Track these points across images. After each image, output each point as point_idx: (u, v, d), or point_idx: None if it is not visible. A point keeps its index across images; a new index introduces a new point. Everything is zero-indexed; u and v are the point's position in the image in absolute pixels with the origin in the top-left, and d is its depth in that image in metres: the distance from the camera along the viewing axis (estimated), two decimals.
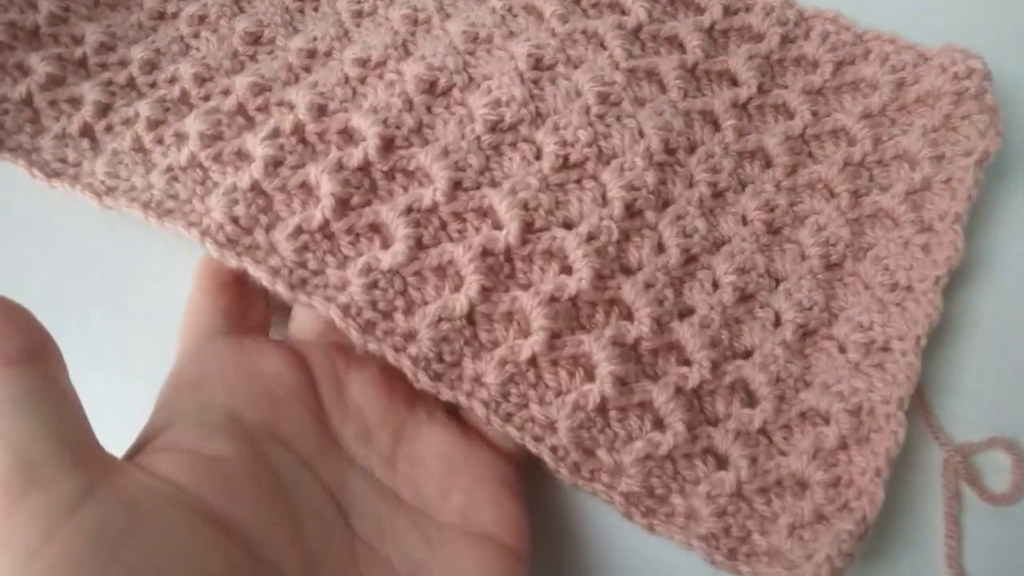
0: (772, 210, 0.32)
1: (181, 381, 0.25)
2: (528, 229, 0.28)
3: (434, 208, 0.29)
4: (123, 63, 0.34)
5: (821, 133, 0.34)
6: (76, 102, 0.32)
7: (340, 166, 0.29)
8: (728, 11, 0.36)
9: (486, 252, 0.28)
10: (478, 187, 0.29)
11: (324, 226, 0.28)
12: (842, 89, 0.35)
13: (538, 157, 0.30)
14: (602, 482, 0.26)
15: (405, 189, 0.29)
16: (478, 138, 0.30)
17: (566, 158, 0.30)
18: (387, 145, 0.30)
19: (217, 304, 0.28)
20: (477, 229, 0.29)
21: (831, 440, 0.27)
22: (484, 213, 0.29)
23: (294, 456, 0.24)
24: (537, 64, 0.32)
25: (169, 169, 0.29)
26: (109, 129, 0.32)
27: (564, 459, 0.26)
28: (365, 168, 0.29)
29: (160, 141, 0.30)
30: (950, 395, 0.31)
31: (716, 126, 0.33)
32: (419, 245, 0.28)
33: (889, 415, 0.27)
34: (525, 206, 0.29)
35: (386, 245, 0.28)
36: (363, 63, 0.32)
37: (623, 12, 0.35)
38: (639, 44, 0.34)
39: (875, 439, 0.27)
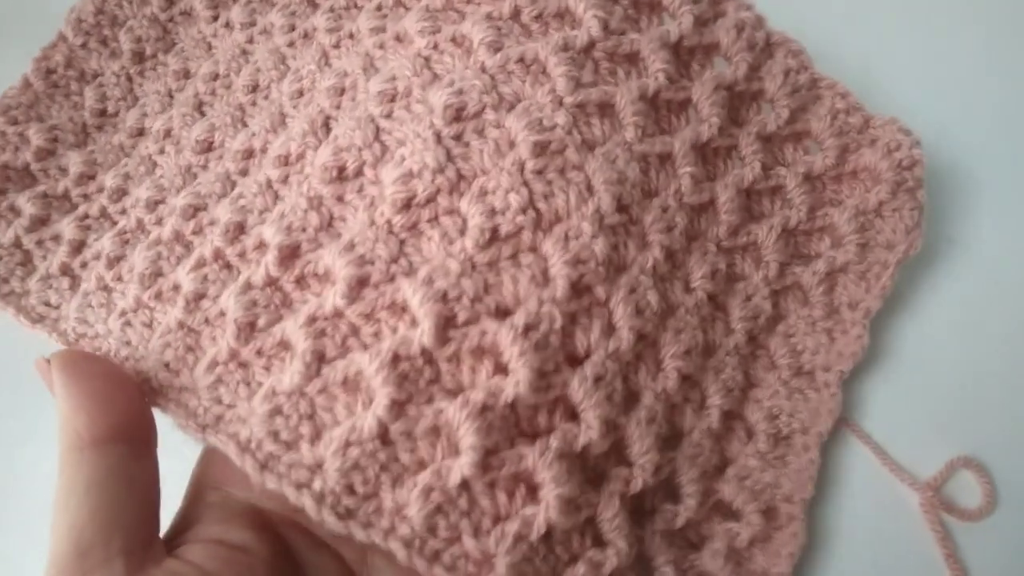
0: (714, 276, 0.30)
1: (207, 478, 0.25)
2: (449, 324, 0.24)
3: (339, 313, 0.24)
4: (100, 190, 0.33)
5: (763, 189, 0.31)
6: (58, 239, 0.31)
7: (248, 286, 0.25)
8: (699, 21, 0.29)
9: (397, 358, 0.23)
10: (391, 280, 0.24)
11: (234, 355, 0.25)
12: (788, 139, 0.32)
13: (463, 232, 0.25)
14: None
15: (316, 297, 0.25)
16: (388, 222, 0.25)
17: (494, 230, 0.25)
18: (291, 253, 0.25)
19: None
20: (394, 330, 0.24)
21: (743, 540, 0.26)
22: (402, 310, 0.24)
23: (312, 539, 0.25)
24: (458, 116, 0.26)
25: (123, 313, 0.28)
26: (84, 266, 0.31)
27: None
28: (272, 283, 0.25)
29: (120, 279, 0.29)
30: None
31: (673, 170, 0.29)
32: (322, 359, 0.24)
33: (792, 516, 0.27)
34: (443, 297, 0.23)
35: None
36: (284, 161, 0.28)
37: (573, 24, 0.28)
38: (592, 65, 0.28)
39: (777, 538, 0.27)
